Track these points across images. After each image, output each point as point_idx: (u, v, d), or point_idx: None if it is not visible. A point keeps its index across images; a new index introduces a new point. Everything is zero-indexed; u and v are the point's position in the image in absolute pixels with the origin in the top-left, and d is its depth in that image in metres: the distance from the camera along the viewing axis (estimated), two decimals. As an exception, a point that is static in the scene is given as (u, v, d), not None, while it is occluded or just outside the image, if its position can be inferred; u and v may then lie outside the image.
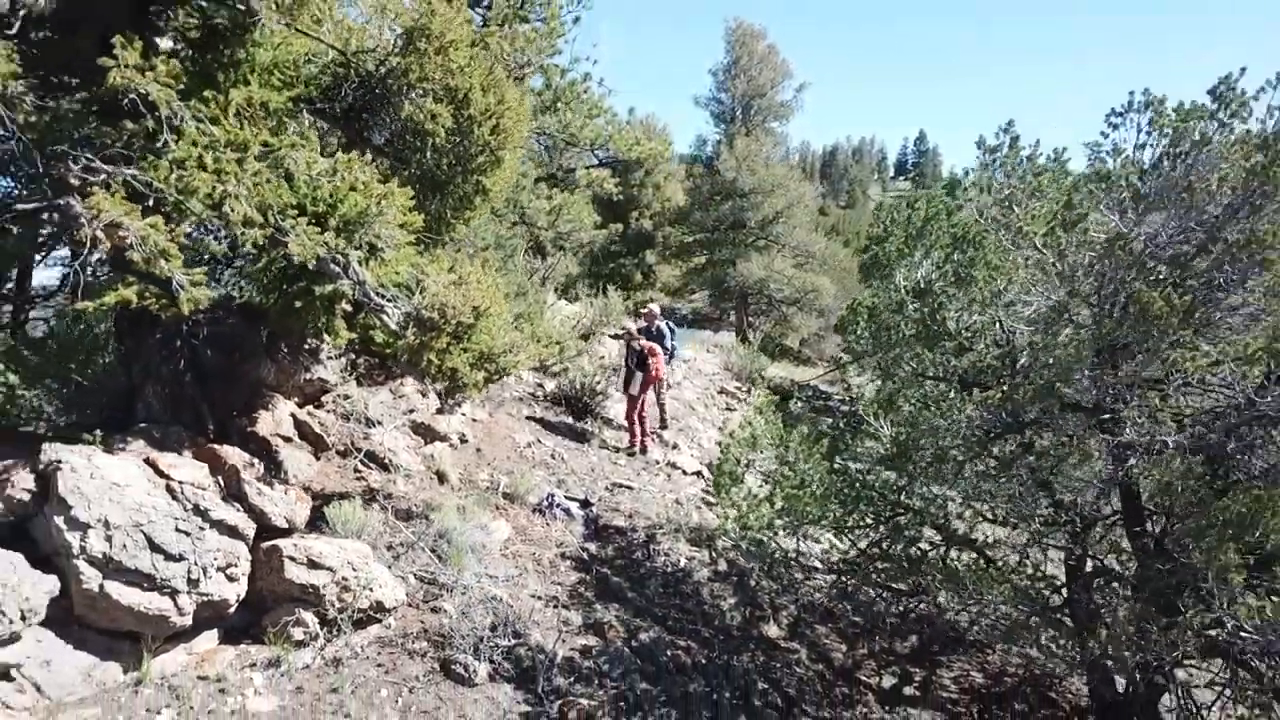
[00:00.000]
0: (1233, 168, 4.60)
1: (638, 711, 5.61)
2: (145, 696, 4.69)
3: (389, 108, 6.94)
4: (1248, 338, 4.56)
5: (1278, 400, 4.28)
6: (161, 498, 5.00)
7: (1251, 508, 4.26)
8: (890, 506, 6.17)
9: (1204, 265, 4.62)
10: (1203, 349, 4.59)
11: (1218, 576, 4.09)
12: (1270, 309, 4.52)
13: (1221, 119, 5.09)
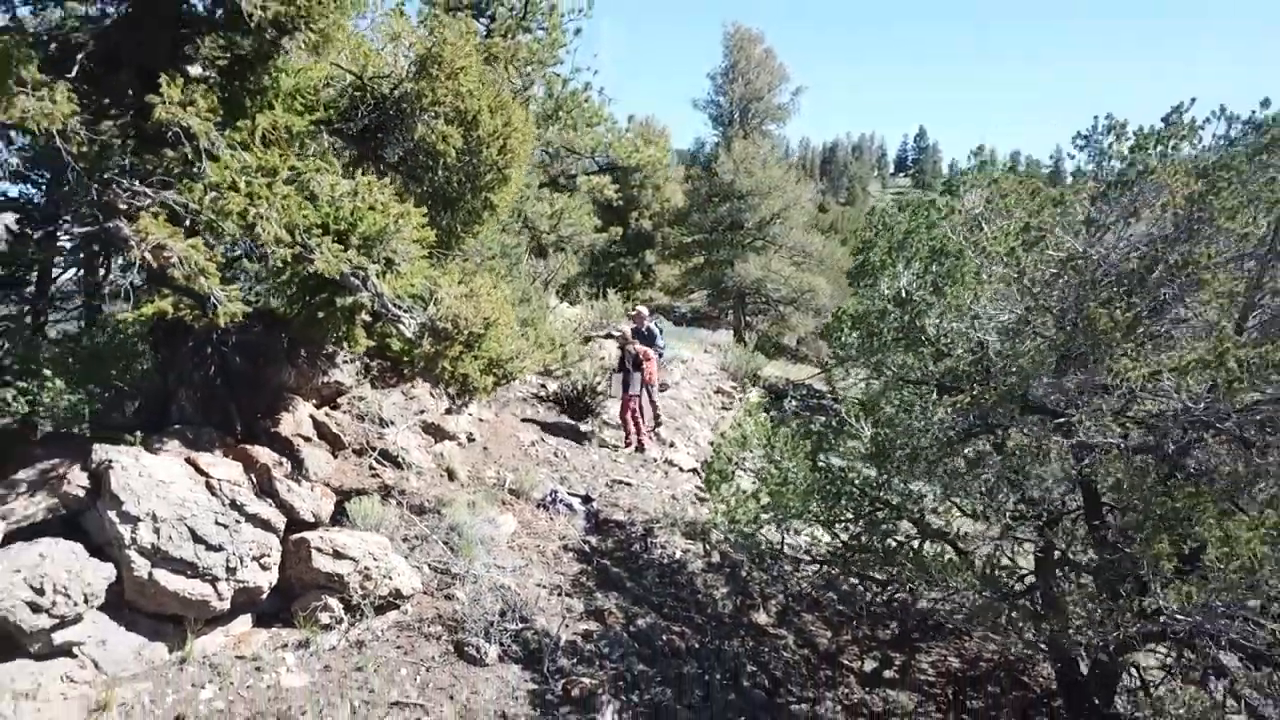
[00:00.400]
0: (1174, 196, 5.08)
1: (635, 690, 6.11)
2: (189, 673, 5.19)
3: (402, 128, 7.39)
4: (1188, 351, 5.04)
5: (1211, 407, 4.77)
6: (202, 494, 5.49)
7: (1186, 503, 4.75)
8: (869, 502, 6.67)
9: (1149, 284, 5.10)
10: (1149, 359, 5.07)
11: (1151, 565, 4.58)
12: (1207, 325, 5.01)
13: (1167, 150, 5.58)
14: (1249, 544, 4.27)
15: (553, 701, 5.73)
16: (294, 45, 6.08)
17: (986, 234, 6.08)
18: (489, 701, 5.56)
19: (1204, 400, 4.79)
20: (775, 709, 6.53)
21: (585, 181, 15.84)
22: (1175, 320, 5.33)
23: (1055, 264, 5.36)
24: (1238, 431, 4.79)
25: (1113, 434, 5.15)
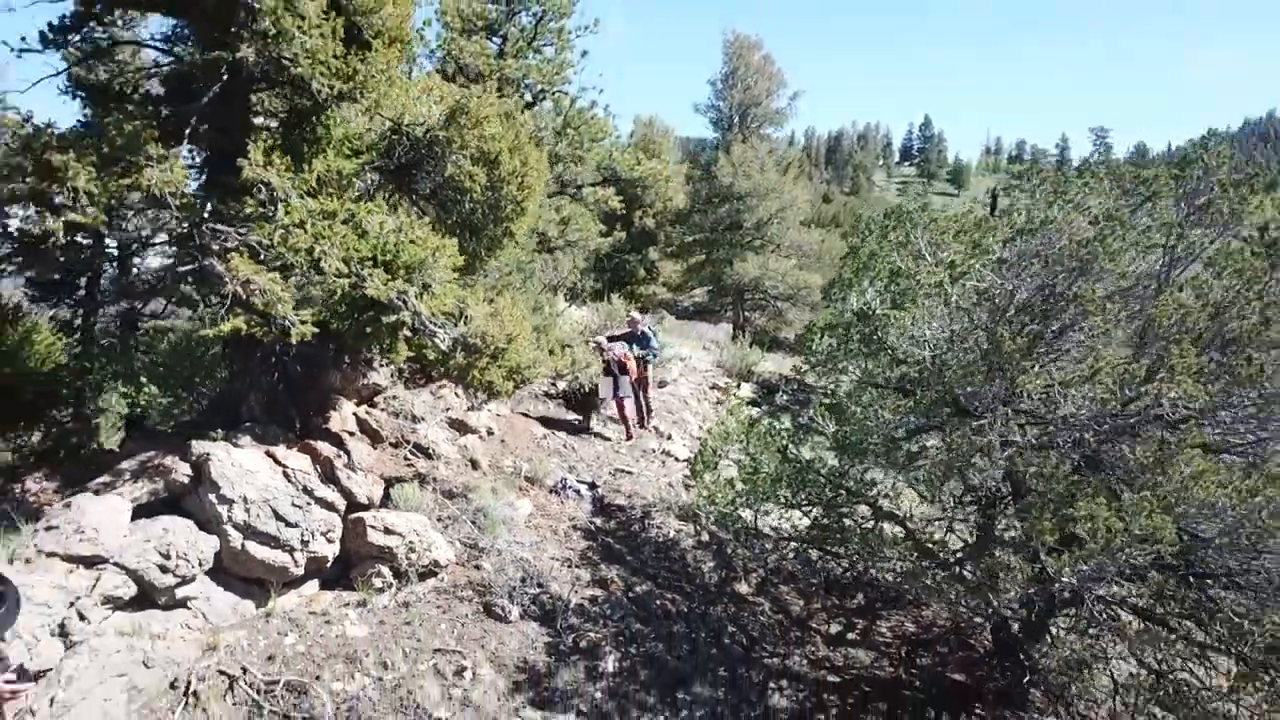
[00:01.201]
0: (1069, 241, 6.27)
1: (632, 644, 7.38)
2: (274, 624, 6.46)
3: (434, 166, 8.60)
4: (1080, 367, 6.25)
5: (1084, 413, 5.99)
6: (280, 481, 6.75)
7: (1068, 489, 5.98)
8: (831, 488, 7.89)
9: (1049, 313, 6.31)
10: (1045, 374, 6.29)
11: (1037, 538, 5.81)
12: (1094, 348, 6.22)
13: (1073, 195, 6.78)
14: (1106, 521, 5.49)
15: (564, 651, 7.00)
16: (351, 109, 7.30)
17: (926, 265, 7.29)
18: (513, 651, 6.84)
19: (1085, 407, 6.01)
20: (751, 662, 7.79)
21: (591, 193, 17.00)
22: (1075, 343, 6.53)
23: (975, 294, 6.56)
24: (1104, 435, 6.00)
25: (1017, 434, 6.37)
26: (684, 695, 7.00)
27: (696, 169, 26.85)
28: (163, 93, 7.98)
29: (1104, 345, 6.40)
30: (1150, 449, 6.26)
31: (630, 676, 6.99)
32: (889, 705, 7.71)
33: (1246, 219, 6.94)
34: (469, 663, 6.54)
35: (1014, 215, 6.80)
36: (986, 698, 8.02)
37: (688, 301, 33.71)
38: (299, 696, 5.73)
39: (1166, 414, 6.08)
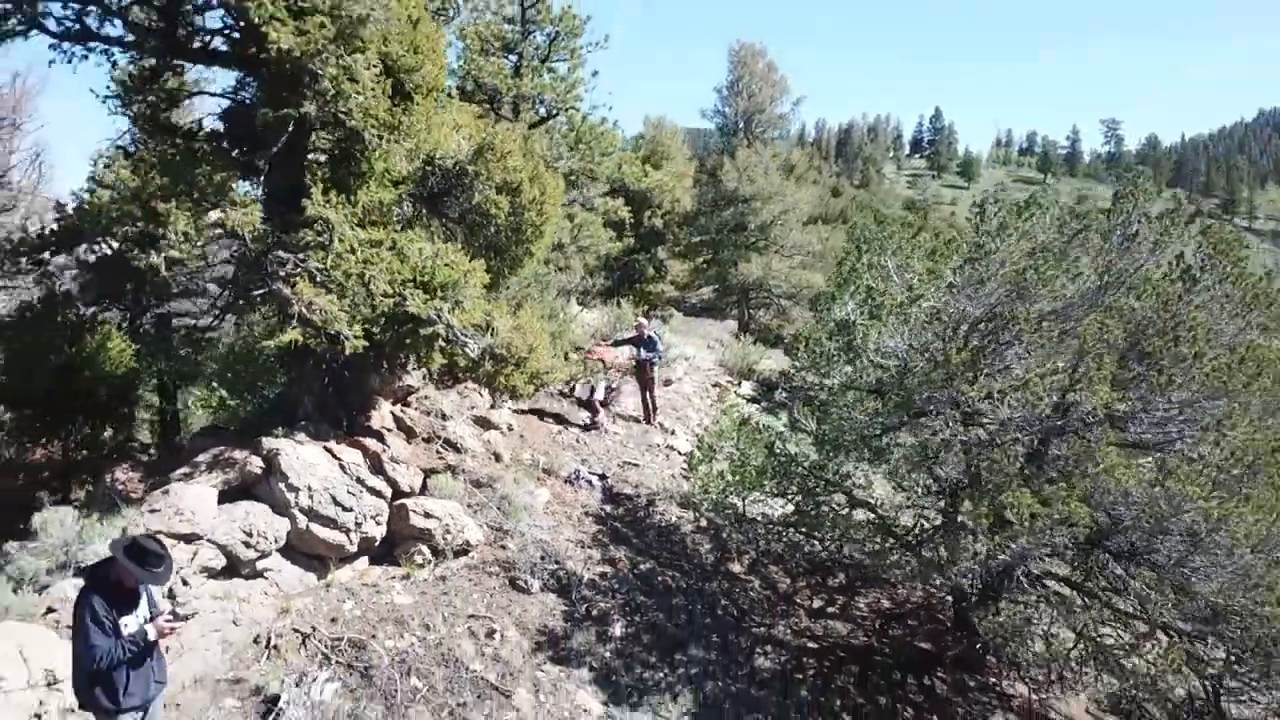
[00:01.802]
0: (1008, 268, 7.37)
1: (637, 613, 8.54)
2: (333, 593, 7.65)
3: (462, 194, 9.71)
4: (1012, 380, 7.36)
5: (1019, 416, 7.09)
6: (337, 472, 7.94)
7: (1003, 481, 7.10)
8: (811, 479, 9.02)
9: (990, 331, 7.42)
10: (989, 383, 7.39)
11: (976, 522, 6.93)
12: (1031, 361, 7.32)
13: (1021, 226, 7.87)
14: (1029, 507, 6.61)
15: (578, 618, 8.17)
16: (394, 148, 8.44)
17: (892, 285, 8.40)
18: (535, 617, 8.01)
19: (1019, 411, 7.12)
20: (740, 630, 8.94)
21: (602, 203, 18.11)
22: (1015, 357, 7.62)
23: (928, 314, 7.66)
24: (1042, 435, 7.12)
25: (963, 433, 7.49)
26: (681, 656, 8.17)
27: (703, 173, 27.86)
28: (223, 127, 9.18)
29: (1046, 358, 7.50)
30: (1074, 447, 7.39)
31: (635, 640, 8.16)
32: (860, 669, 8.85)
33: (1169, 248, 8.03)
34: (498, 626, 7.72)
35: (962, 245, 7.89)
36: (947, 662, 9.16)
37: (695, 299, 34.76)
38: (359, 650, 6.91)
39: (1086, 417, 7.19)
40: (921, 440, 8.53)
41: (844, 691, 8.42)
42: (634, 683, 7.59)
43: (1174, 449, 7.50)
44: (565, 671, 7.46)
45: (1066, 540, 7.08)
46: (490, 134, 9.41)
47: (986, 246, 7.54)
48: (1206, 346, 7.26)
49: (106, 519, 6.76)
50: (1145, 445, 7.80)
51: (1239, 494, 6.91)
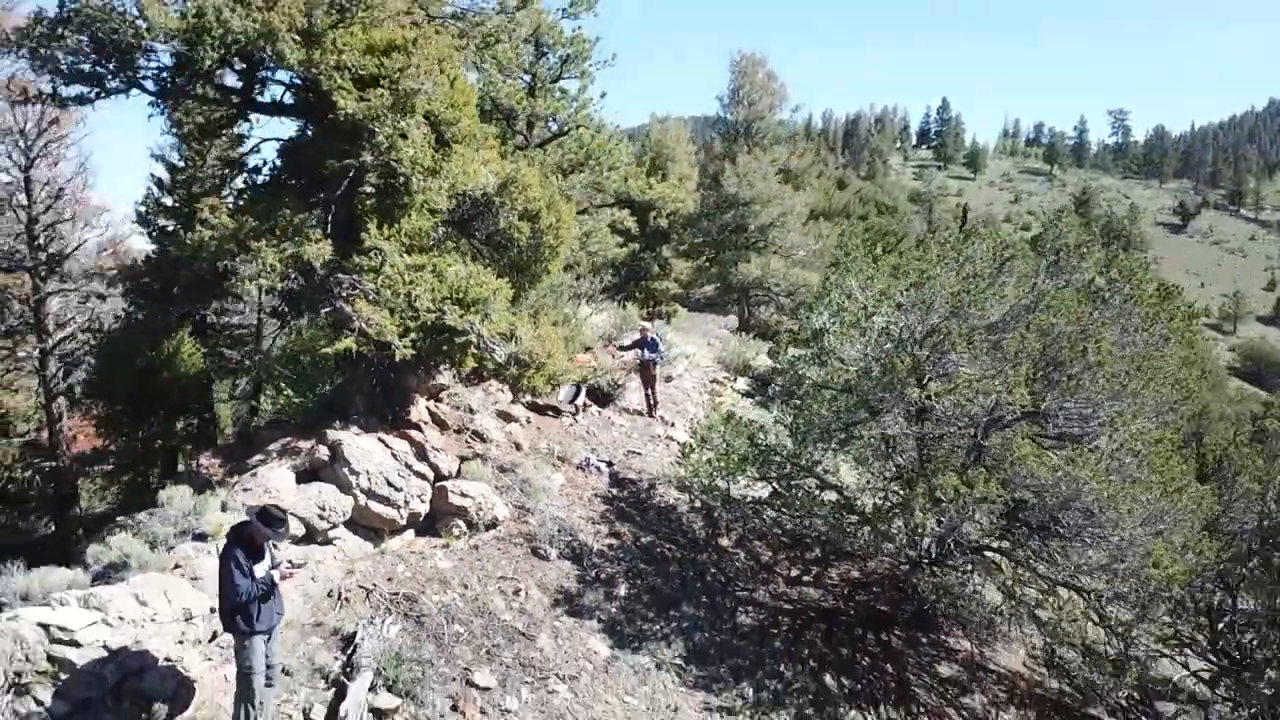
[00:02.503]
0: (945, 294, 8.92)
1: (639, 578, 10.15)
2: (387, 559, 9.27)
3: (489, 219, 11.24)
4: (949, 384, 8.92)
5: (952, 414, 8.66)
6: (389, 459, 9.56)
7: (936, 468, 8.68)
8: (787, 465, 10.60)
9: (932, 344, 8.98)
10: (931, 387, 8.96)
11: (914, 500, 8.51)
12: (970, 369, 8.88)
13: (957, 256, 9.42)
14: (956, 489, 8.18)
15: (589, 581, 9.79)
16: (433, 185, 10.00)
17: (854, 303, 9.96)
18: (553, 579, 9.63)
19: (952, 410, 8.69)
20: (726, 593, 10.56)
21: (609, 214, 19.64)
22: (953, 365, 9.18)
23: (880, 329, 9.23)
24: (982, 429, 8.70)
25: (912, 427, 9.06)
26: (675, 613, 9.79)
27: (706, 176, 29.33)
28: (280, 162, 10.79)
29: (978, 367, 9.05)
30: (1001, 440, 8.97)
31: (636, 599, 9.78)
32: (827, 626, 10.46)
33: (1084, 272, 9.58)
34: (522, 586, 9.34)
35: (909, 271, 9.44)
36: (902, 622, 10.77)
37: (698, 294, 36.28)
38: (412, 603, 8.54)
39: (1008, 415, 8.77)
40: (881, 433, 10.11)
41: (811, 644, 10.03)
42: (635, 632, 9.21)
43: (1083, 441, 9.07)
44: (578, 622, 9.08)
45: (987, 515, 8.69)
46: (514, 170, 10.96)
47: (929, 273, 9.09)
48: (1108, 356, 8.80)
49: (214, 495, 8.39)
50: (1063, 438, 9.37)
51: (1128, 478, 8.49)
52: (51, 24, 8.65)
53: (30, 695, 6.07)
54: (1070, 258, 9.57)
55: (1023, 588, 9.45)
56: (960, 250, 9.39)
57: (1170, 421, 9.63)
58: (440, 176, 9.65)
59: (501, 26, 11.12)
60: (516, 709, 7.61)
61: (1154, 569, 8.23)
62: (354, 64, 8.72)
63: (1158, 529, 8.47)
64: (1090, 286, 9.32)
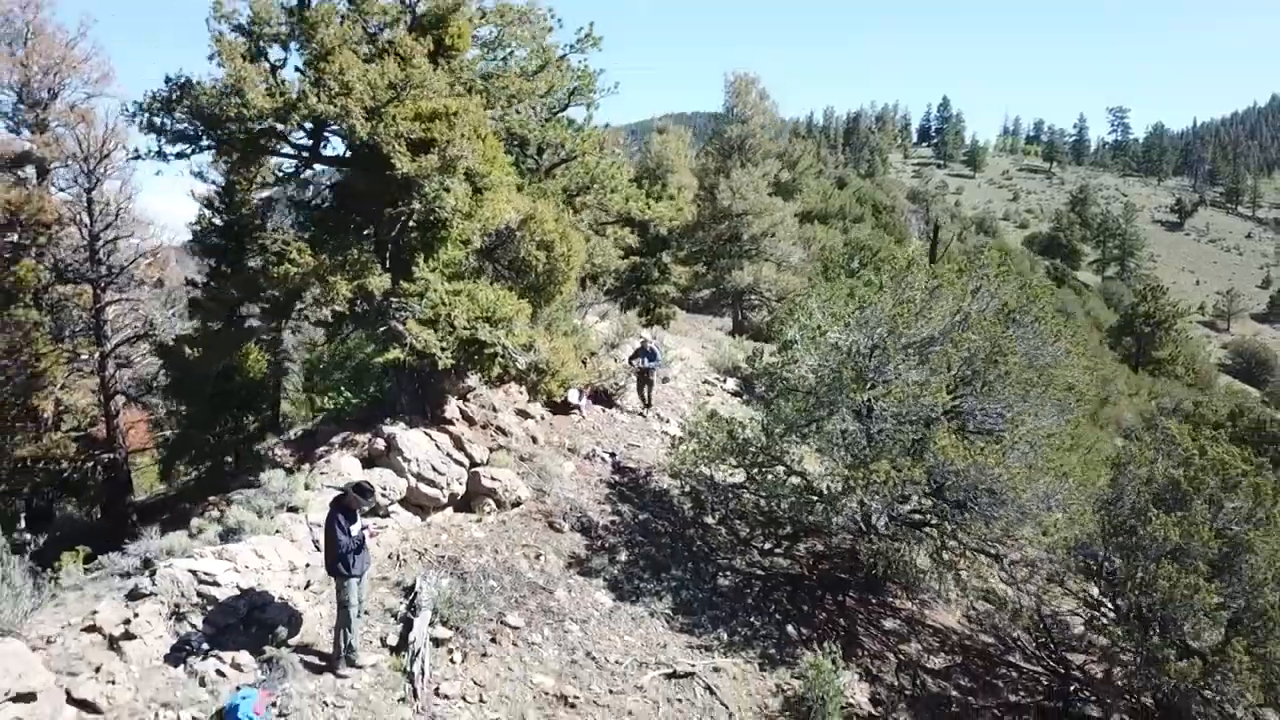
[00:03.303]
0: (886, 314, 11.06)
1: (637, 547, 12.33)
2: (433, 530, 11.47)
3: (510, 248, 13.39)
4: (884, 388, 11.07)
5: (889, 413, 10.81)
6: (433, 449, 11.74)
7: (874, 456, 10.85)
8: (760, 454, 12.75)
9: (876, 358, 11.14)
10: (875, 392, 11.12)
11: (856, 482, 10.68)
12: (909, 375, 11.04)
13: (894, 284, 11.57)
14: (886, 472, 10.34)
15: (596, 549, 11.97)
16: (469, 228, 12.15)
17: (813, 321, 12.12)
18: (566, 547, 11.82)
19: (890, 411, 10.85)
20: (709, 561, 12.73)
21: (612, 231, 21.77)
22: (892, 374, 11.33)
23: (830, 347, 11.38)
24: (924, 424, 10.86)
25: (861, 424, 11.22)
26: (665, 575, 11.96)
27: (702, 189, 31.45)
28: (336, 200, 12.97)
29: (915, 376, 11.19)
30: (932, 434, 11.13)
31: (634, 564, 11.97)
32: (793, 589, 12.64)
33: (1001, 297, 11.73)
34: (542, 552, 11.53)
35: (855, 296, 11.58)
36: (856, 586, 12.95)
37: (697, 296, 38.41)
38: (455, 563, 10.72)
39: (932, 412, 10.94)
40: (835, 428, 12.27)
41: (778, 602, 12.21)
42: (633, 589, 11.39)
43: (996, 435, 11.23)
44: (587, 580, 11.27)
45: (917, 494, 10.86)
46: (532, 208, 13.12)
47: (870, 299, 11.25)
48: (1015, 367, 10.98)
49: (298, 477, 10.58)
50: (981, 432, 11.53)
51: (1027, 465, 10.66)
52: (166, 101, 10.85)
53: (186, 621, 8.27)
54: (990, 285, 11.72)
55: (948, 554, 11.63)
56: (899, 280, 11.55)
57: (1070, 419, 11.78)
58: (474, 218, 11.80)
59: (523, 89, 13.28)
60: (539, 642, 9.80)
61: (1044, 536, 10.40)
62: (407, 130, 10.87)
63: (1049, 506, 10.64)
64: (1005, 310, 11.47)
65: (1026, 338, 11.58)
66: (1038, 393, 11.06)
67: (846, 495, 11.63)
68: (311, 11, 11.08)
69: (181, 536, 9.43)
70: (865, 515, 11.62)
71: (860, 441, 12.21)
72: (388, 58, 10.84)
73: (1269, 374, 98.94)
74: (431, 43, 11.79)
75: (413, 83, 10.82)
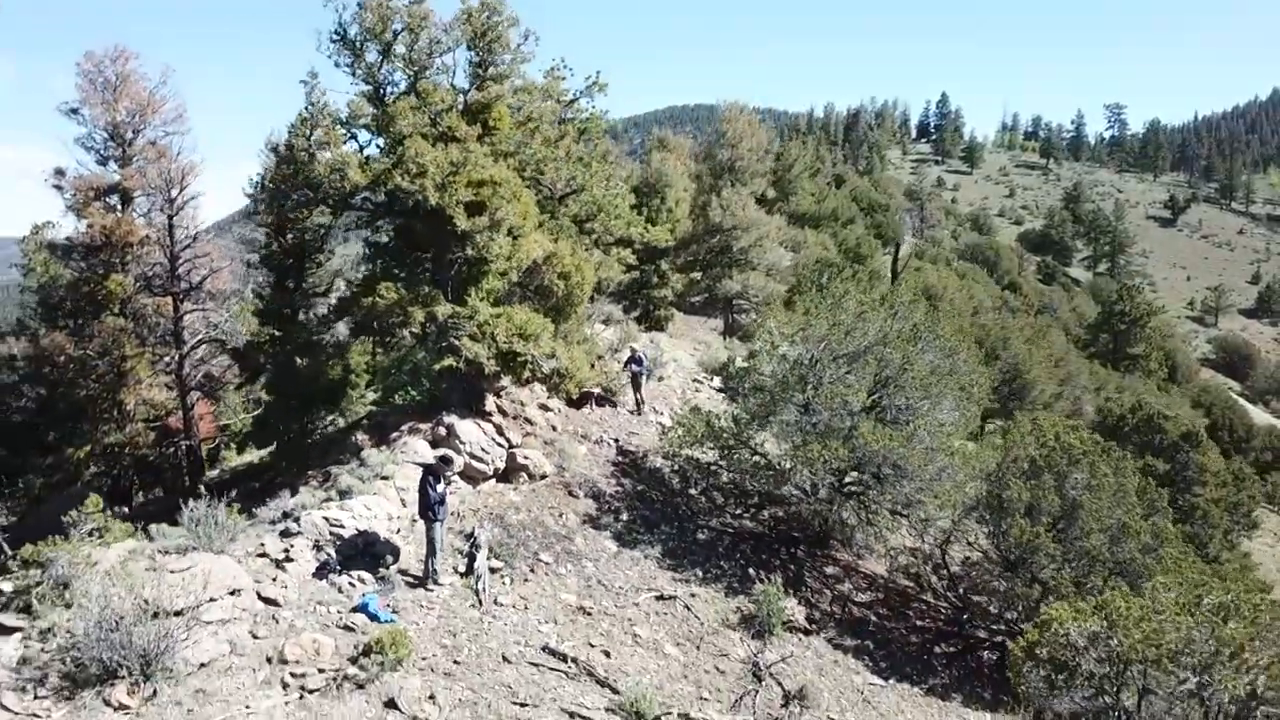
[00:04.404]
0: (820, 334, 14.76)
1: (634, 511, 16.09)
2: (482, 494, 15.24)
3: (537, 277, 17.12)
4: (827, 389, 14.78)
5: (825, 409, 14.52)
6: (481, 434, 15.51)
7: (810, 441, 14.61)
8: (731, 439, 16.46)
9: (815, 369, 14.85)
10: (812, 392, 14.85)
11: (795, 459, 14.40)
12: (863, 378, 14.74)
13: (827, 311, 15.31)
14: (820, 452, 14.06)
15: (604, 510, 15.73)
16: (508, 266, 15.86)
17: (771, 337, 15.84)
18: (582, 509, 15.58)
19: (827, 406, 14.58)
20: (690, 521, 16.49)
21: (615, 252, 25.47)
22: (829, 378, 15.03)
23: (780, 357, 15.08)
24: (845, 416, 14.62)
25: (807, 417, 14.94)
26: (656, 531, 15.72)
27: (696, 206, 35.11)
28: (397, 241, 16.71)
29: (844, 380, 14.89)
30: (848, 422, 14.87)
31: (633, 522, 15.72)
32: (755, 543, 16.40)
33: (911, 319, 15.44)
34: (563, 512, 15.29)
35: (802, 316, 15.27)
36: (805, 542, 16.71)
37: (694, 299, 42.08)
38: (500, 519, 14.49)
39: (859, 408, 14.67)
40: (785, 419, 15.98)
41: (743, 552, 15.96)
42: (632, 539, 15.14)
43: (904, 424, 14.95)
44: (598, 532, 15.03)
45: (846, 468, 14.60)
46: (554, 247, 16.82)
47: (810, 323, 14.95)
48: (920, 373, 14.68)
49: (385, 453, 14.34)
50: (896, 423, 15.24)
51: (925, 447, 14.38)
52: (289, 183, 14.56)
53: (324, 551, 12.03)
54: (904, 309, 15.41)
55: (867, 513, 15.36)
56: (835, 306, 15.25)
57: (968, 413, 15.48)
58: (511, 259, 15.52)
59: (546, 156, 16.97)
60: (564, 573, 13.56)
61: (935, 499, 14.14)
62: (464, 197, 14.56)
63: (942, 478, 14.37)
64: (914, 329, 15.17)
65: (929, 351, 15.29)
66: (936, 392, 14.77)
67: (794, 470, 15.38)
68: (391, 106, 14.79)
69: (306, 496, 13.21)
70: (813, 485, 15.34)
71: (805, 429, 15.94)
72: (451, 144, 14.54)
73: (1250, 367, 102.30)
74: (480, 126, 15.49)
75: (468, 162, 14.52)
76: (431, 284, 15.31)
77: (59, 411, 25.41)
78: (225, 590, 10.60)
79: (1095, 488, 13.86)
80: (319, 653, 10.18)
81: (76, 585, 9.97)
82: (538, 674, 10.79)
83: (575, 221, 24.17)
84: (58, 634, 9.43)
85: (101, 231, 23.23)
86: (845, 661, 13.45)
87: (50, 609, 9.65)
